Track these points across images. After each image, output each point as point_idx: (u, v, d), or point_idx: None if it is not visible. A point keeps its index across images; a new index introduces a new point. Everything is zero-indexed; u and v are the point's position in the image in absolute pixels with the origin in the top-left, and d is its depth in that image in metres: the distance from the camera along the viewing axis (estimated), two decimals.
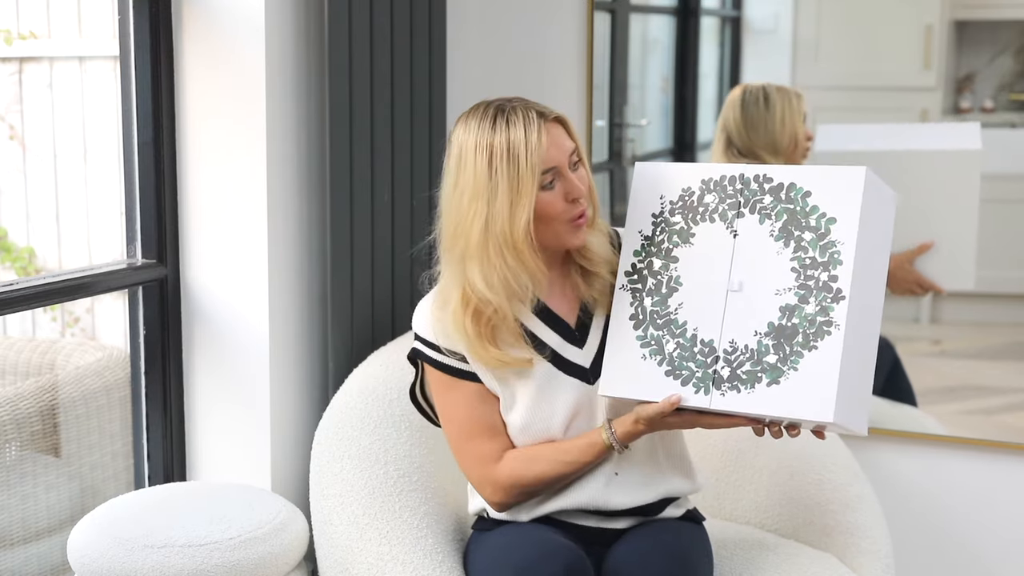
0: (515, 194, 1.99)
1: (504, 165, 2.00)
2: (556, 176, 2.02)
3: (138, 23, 2.49)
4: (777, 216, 1.93)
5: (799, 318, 1.88)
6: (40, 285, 2.35)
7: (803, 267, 1.90)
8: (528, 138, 1.99)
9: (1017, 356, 2.86)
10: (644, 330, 2.00)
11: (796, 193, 1.93)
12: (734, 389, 1.91)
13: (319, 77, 2.59)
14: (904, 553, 2.85)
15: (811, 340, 1.87)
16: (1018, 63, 2.87)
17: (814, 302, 1.88)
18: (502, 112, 2.02)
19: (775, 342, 1.89)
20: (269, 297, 2.53)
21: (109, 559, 2.16)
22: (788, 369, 1.87)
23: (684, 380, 1.95)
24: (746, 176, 1.97)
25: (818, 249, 1.89)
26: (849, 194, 1.89)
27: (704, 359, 1.94)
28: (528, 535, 2.06)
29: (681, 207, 2.01)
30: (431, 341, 2.11)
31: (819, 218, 1.90)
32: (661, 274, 2.01)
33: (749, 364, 1.90)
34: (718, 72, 3.26)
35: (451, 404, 2.12)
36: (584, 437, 2.07)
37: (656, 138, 3.28)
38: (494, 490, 2.10)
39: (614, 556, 2.07)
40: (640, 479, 2.13)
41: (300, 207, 2.61)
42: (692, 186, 2.01)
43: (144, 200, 2.54)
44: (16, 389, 2.89)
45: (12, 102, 4.46)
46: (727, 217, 1.97)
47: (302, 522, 2.34)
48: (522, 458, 2.08)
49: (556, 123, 2.04)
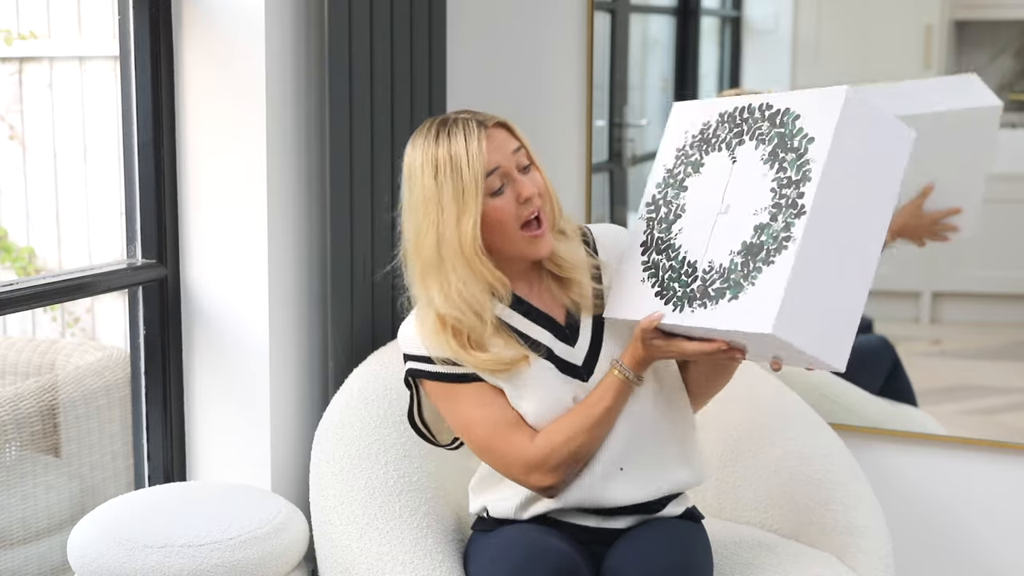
0: (461, 202, 2.02)
1: (448, 176, 2.03)
2: (504, 179, 2.05)
3: (138, 23, 2.49)
4: (770, 140, 1.96)
5: (767, 235, 1.89)
6: (40, 285, 2.35)
7: (780, 186, 1.91)
8: (468, 145, 2.02)
9: (1017, 356, 2.85)
10: (647, 255, 2.07)
11: (788, 117, 1.95)
12: (702, 306, 1.93)
13: (319, 77, 2.59)
14: (904, 553, 2.85)
15: (770, 256, 1.87)
16: (1018, 63, 2.87)
17: (781, 219, 1.88)
18: (443, 125, 2.06)
19: (743, 259, 1.91)
20: (269, 297, 2.53)
21: (109, 559, 2.16)
22: (747, 284, 1.88)
23: (667, 299, 1.99)
24: (752, 106, 2.01)
25: (794, 168, 1.90)
26: (827, 113, 1.89)
27: (686, 279, 1.98)
28: (523, 536, 2.07)
29: (700, 140, 2.07)
30: (422, 355, 2.10)
31: (801, 139, 1.92)
32: (672, 203, 2.07)
33: (719, 282, 1.93)
34: (718, 72, 3.26)
35: (463, 410, 2.10)
36: (599, 386, 2.08)
37: (656, 138, 3.27)
38: (541, 474, 2.07)
39: (613, 556, 2.07)
40: (644, 474, 2.12)
41: (300, 207, 2.61)
42: (711, 120, 2.06)
43: (144, 200, 2.55)
44: (16, 389, 2.89)
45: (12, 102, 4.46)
46: (731, 145, 2.02)
47: (302, 522, 2.34)
48: (551, 431, 2.07)
49: (498, 127, 2.06)
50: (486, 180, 2.03)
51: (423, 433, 2.21)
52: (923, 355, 2.94)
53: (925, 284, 2.86)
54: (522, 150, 2.07)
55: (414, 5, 2.69)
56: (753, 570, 2.24)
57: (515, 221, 2.05)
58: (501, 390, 2.10)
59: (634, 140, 3.19)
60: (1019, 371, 2.85)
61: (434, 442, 2.22)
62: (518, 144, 2.07)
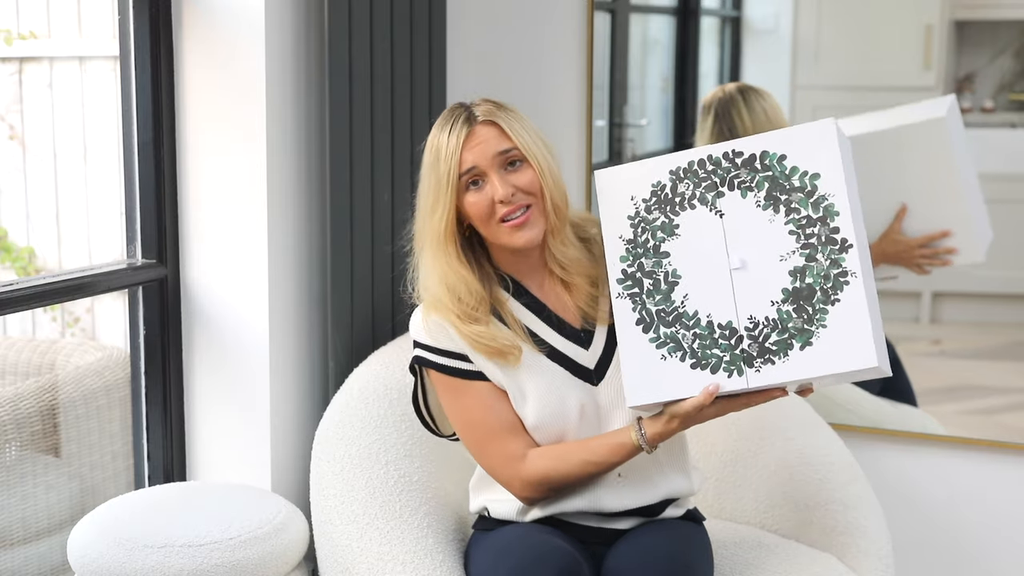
0: (436, 194, 2.07)
1: (433, 166, 2.08)
2: (480, 178, 2.06)
3: (138, 23, 2.49)
4: (758, 186, 1.94)
5: (812, 277, 1.89)
6: (40, 285, 2.35)
7: (800, 228, 1.90)
8: (449, 141, 2.06)
9: (1017, 356, 2.85)
10: (656, 331, 1.98)
11: (771, 159, 1.93)
12: (768, 362, 1.90)
13: (319, 77, 2.59)
14: (904, 553, 2.85)
15: (831, 294, 1.88)
16: (1018, 63, 2.87)
17: (823, 257, 1.88)
18: (450, 114, 2.09)
19: (795, 306, 1.89)
20: (269, 297, 2.53)
21: (109, 559, 2.16)
22: (817, 328, 1.88)
23: (713, 368, 1.93)
24: (714, 156, 1.97)
25: (810, 207, 1.90)
26: (825, 147, 1.90)
27: (727, 342, 1.93)
28: (525, 537, 2.06)
29: (656, 202, 2.00)
30: (430, 345, 2.11)
31: (802, 177, 1.91)
32: (655, 272, 1.99)
33: (775, 334, 1.90)
34: (718, 72, 3.26)
35: (465, 408, 2.11)
36: (612, 436, 2.05)
37: (656, 138, 3.27)
38: (523, 487, 2.09)
39: (614, 556, 2.07)
40: (642, 481, 2.13)
41: (300, 207, 2.61)
42: (662, 179, 2.00)
43: (144, 200, 2.54)
44: (16, 389, 2.89)
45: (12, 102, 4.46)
46: (707, 200, 1.97)
47: (302, 522, 2.34)
48: (549, 456, 2.07)
49: (487, 125, 2.06)
50: (460, 179, 2.05)
51: (426, 421, 2.21)
52: (923, 355, 2.94)
53: (925, 284, 2.86)
54: (514, 150, 2.06)
55: (414, 5, 2.69)
56: (753, 570, 2.24)
57: (491, 216, 2.06)
58: (505, 393, 2.10)
59: (634, 140, 3.19)
60: (1019, 371, 2.85)
61: (436, 431, 2.22)
62: (507, 144, 2.06)
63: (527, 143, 2.07)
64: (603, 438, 2.06)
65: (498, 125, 2.06)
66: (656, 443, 2.02)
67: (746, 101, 2.93)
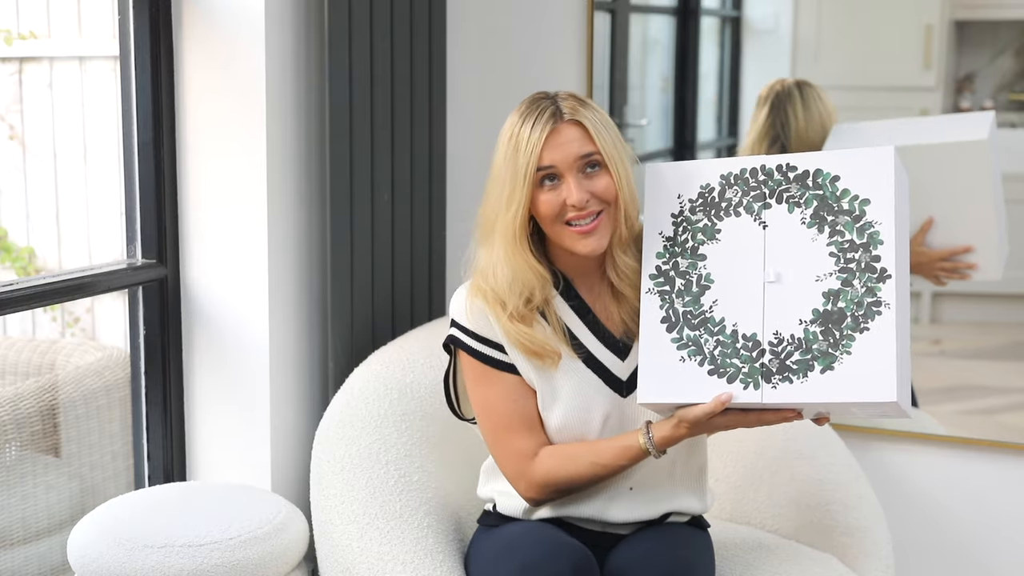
0: (512, 186, 2.02)
1: (511, 157, 2.02)
2: (557, 178, 2.02)
3: (138, 23, 2.49)
4: (807, 203, 1.92)
5: (845, 301, 1.87)
6: (40, 285, 2.35)
7: (842, 251, 1.89)
8: (531, 135, 2.00)
9: (1017, 356, 2.85)
10: (679, 332, 1.96)
11: (824, 179, 1.92)
12: (786, 380, 1.88)
13: (319, 77, 2.59)
14: (904, 553, 2.85)
15: (861, 322, 1.85)
16: (1018, 63, 2.87)
17: (859, 284, 1.87)
18: (533, 104, 2.04)
19: (822, 328, 1.87)
20: (269, 297, 2.53)
21: (109, 559, 2.16)
22: (841, 354, 1.86)
23: (730, 377, 1.91)
24: (768, 167, 1.95)
25: (855, 231, 1.89)
26: (880, 174, 1.89)
27: (749, 353, 1.91)
28: (534, 533, 2.06)
29: (702, 204, 1.99)
30: (467, 328, 2.09)
31: (852, 200, 1.90)
32: (689, 273, 1.97)
33: (798, 353, 1.88)
34: (718, 72, 3.26)
35: (488, 396, 2.09)
36: (620, 439, 2.04)
37: (656, 138, 3.27)
38: (528, 486, 2.08)
39: (616, 558, 2.06)
40: (652, 496, 2.12)
41: (300, 207, 2.61)
42: (711, 182, 1.99)
43: (144, 200, 2.54)
44: (16, 389, 2.89)
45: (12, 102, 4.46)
46: (753, 209, 1.95)
47: (302, 522, 2.34)
48: (557, 456, 2.06)
49: (572, 124, 2.01)
50: (536, 174, 2.01)
51: (451, 400, 2.19)
52: (923, 355, 2.94)
53: (925, 284, 2.86)
54: (596, 155, 2.02)
55: (414, 5, 2.69)
56: (753, 571, 2.24)
57: (559, 217, 2.03)
58: (531, 390, 2.09)
59: (634, 140, 3.19)
60: (1019, 371, 2.85)
61: (457, 413, 2.20)
62: (590, 148, 2.01)
63: (609, 149, 2.03)
64: (611, 441, 2.04)
65: (583, 126, 2.02)
66: (664, 447, 1.99)
67: (803, 98, 2.91)
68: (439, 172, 2.81)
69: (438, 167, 2.81)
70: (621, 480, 2.10)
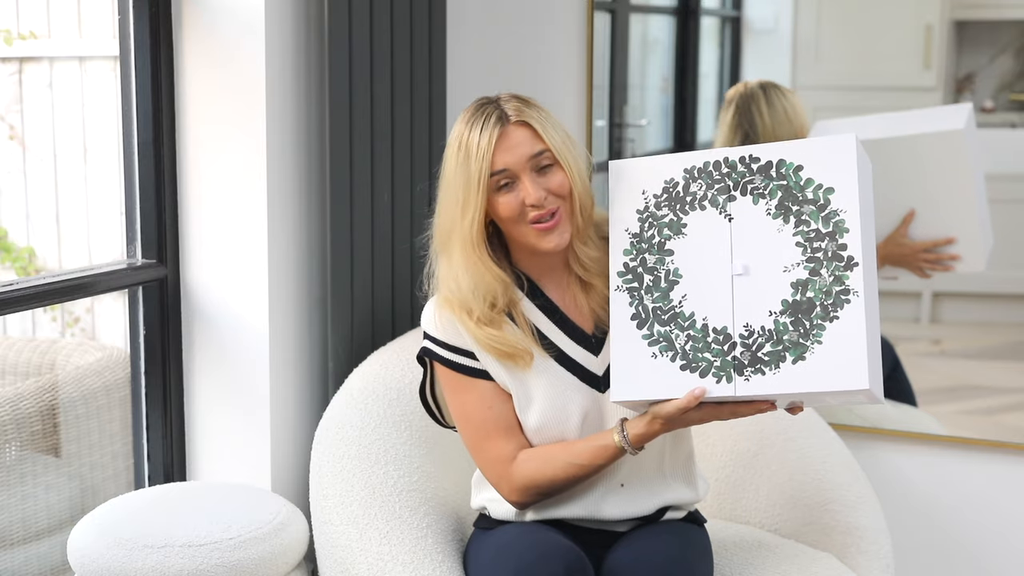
0: (466, 193, 2.03)
1: (463, 164, 2.04)
2: (511, 179, 2.03)
3: (138, 23, 2.49)
4: (771, 194, 1.92)
5: (813, 291, 1.87)
6: (40, 285, 2.35)
7: (808, 240, 1.89)
8: (481, 140, 2.02)
9: (1017, 356, 2.85)
10: (650, 328, 1.96)
11: (787, 168, 1.92)
12: (758, 372, 1.88)
13: (319, 77, 2.59)
14: (904, 553, 2.85)
15: (830, 311, 1.85)
16: (1018, 63, 2.87)
17: (826, 273, 1.87)
18: (479, 109, 2.05)
19: (792, 319, 1.87)
20: (269, 297, 2.53)
21: (109, 559, 2.16)
22: (812, 343, 1.86)
23: (703, 372, 1.91)
24: (731, 159, 1.95)
25: (820, 220, 1.88)
26: (843, 162, 1.89)
27: (720, 347, 1.91)
28: (528, 535, 2.06)
29: (667, 199, 1.98)
30: (439, 339, 2.10)
31: (816, 190, 1.90)
32: (657, 269, 1.97)
33: (769, 345, 1.88)
34: (718, 72, 3.26)
35: (465, 404, 2.11)
36: (596, 439, 2.04)
37: (656, 138, 3.28)
38: (510, 490, 2.09)
39: (614, 557, 2.06)
40: (644, 491, 2.12)
41: (300, 207, 2.61)
42: (675, 177, 1.98)
43: (144, 200, 2.55)
44: (16, 389, 2.89)
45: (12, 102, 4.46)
46: (718, 203, 1.95)
47: (302, 522, 2.34)
48: (536, 459, 2.06)
49: (520, 126, 2.03)
50: (491, 179, 2.02)
51: (432, 411, 2.20)
52: (923, 355, 2.94)
53: (925, 284, 2.86)
54: (546, 153, 2.03)
55: (414, 5, 2.69)
56: (753, 570, 2.24)
57: (521, 217, 2.04)
58: (507, 394, 2.10)
59: (634, 140, 3.19)
60: (1019, 371, 2.85)
61: (441, 421, 2.21)
62: (540, 146, 2.03)
63: (558, 145, 2.04)
64: (588, 441, 2.05)
65: (530, 126, 2.03)
66: (640, 444, 2.00)
67: (767, 99, 2.92)
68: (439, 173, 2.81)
69: (438, 167, 2.80)
70: (611, 477, 2.10)
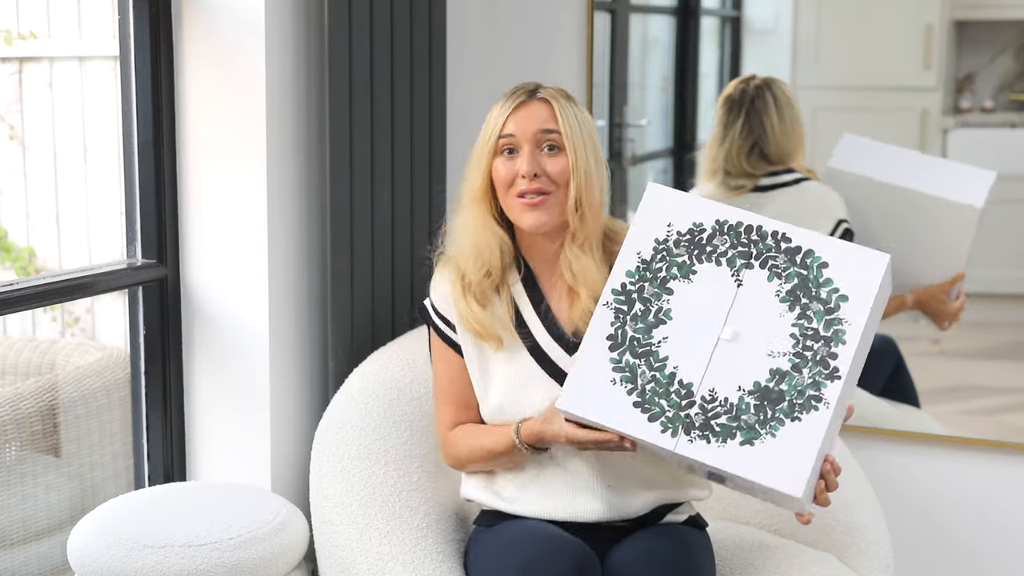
0: (479, 152, 2.14)
1: (483, 129, 2.15)
2: (513, 147, 2.09)
3: (138, 23, 2.49)
4: (788, 278, 1.89)
5: (788, 385, 1.84)
6: (40, 285, 2.35)
7: (803, 336, 1.86)
8: (504, 106, 2.12)
9: (1017, 356, 2.86)
10: (620, 354, 1.92)
11: (813, 261, 1.89)
12: (704, 439, 1.85)
13: (319, 77, 2.59)
14: (904, 553, 2.85)
15: (796, 411, 1.83)
16: (1018, 63, 2.87)
17: (807, 373, 1.84)
18: (518, 87, 2.15)
19: (757, 403, 1.84)
20: (269, 297, 2.53)
21: (109, 559, 2.16)
22: (766, 434, 1.83)
23: (652, 416, 1.88)
24: (764, 229, 1.92)
25: (823, 322, 1.86)
26: (867, 277, 1.86)
27: (679, 400, 1.87)
28: (533, 531, 2.06)
29: (688, 241, 1.95)
30: (435, 304, 2.20)
31: (831, 292, 1.87)
32: (651, 302, 1.94)
33: (725, 418, 1.85)
34: (718, 72, 3.26)
35: (438, 367, 2.22)
36: (504, 428, 2.10)
37: (656, 138, 3.28)
38: (445, 455, 2.22)
39: (614, 558, 2.06)
40: (632, 491, 2.11)
41: (300, 207, 2.61)
42: (704, 223, 1.95)
43: (144, 200, 2.55)
44: (16, 389, 2.89)
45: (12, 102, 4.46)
46: (735, 264, 1.92)
47: (302, 522, 2.34)
48: (464, 433, 2.16)
49: (542, 103, 2.10)
50: (498, 141, 2.10)
51: None
52: (923, 355, 2.94)
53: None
54: (555, 133, 2.08)
55: (414, 5, 2.69)
56: (753, 570, 2.24)
57: (506, 186, 2.10)
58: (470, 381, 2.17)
59: (634, 140, 3.19)
60: (1019, 371, 2.86)
61: None
62: (552, 126, 2.08)
63: (572, 134, 2.08)
64: (501, 428, 2.11)
65: (551, 106, 2.10)
66: (532, 443, 2.04)
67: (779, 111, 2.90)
68: (439, 172, 2.81)
69: (438, 167, 2.81)
70: (597, 480, 2.10)
